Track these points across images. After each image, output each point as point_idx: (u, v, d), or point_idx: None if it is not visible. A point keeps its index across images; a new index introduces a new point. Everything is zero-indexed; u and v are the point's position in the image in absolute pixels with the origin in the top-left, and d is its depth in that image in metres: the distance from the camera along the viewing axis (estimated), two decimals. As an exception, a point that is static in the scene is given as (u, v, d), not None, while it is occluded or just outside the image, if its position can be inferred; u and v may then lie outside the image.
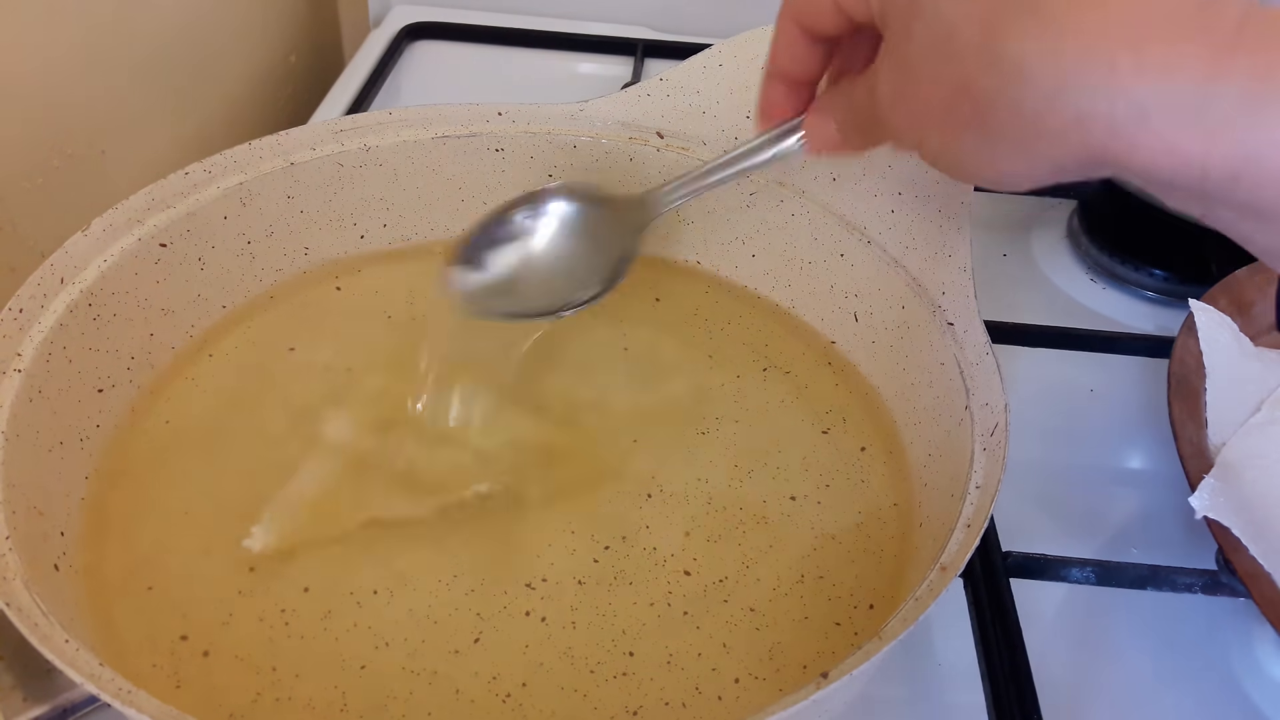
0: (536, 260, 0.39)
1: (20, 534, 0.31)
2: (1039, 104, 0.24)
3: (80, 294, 0.37)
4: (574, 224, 0.40)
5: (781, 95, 0.35)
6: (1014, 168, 0.26)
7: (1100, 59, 0.23)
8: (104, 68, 0.58)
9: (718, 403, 0.42)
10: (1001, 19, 0.24)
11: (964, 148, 0.27)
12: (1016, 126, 0.25)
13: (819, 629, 0.35)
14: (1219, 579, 0.40)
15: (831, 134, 0.33)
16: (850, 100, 0.32)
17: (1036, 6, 0.24)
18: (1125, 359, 0.52)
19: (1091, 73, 0.23)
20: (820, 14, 0.31)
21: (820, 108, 0.34)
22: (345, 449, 0.39)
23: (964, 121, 0.26)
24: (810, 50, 0.33)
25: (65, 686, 0.33)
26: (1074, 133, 0.24)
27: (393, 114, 0.46)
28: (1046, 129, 0.24)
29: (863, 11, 0.30)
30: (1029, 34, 0.24)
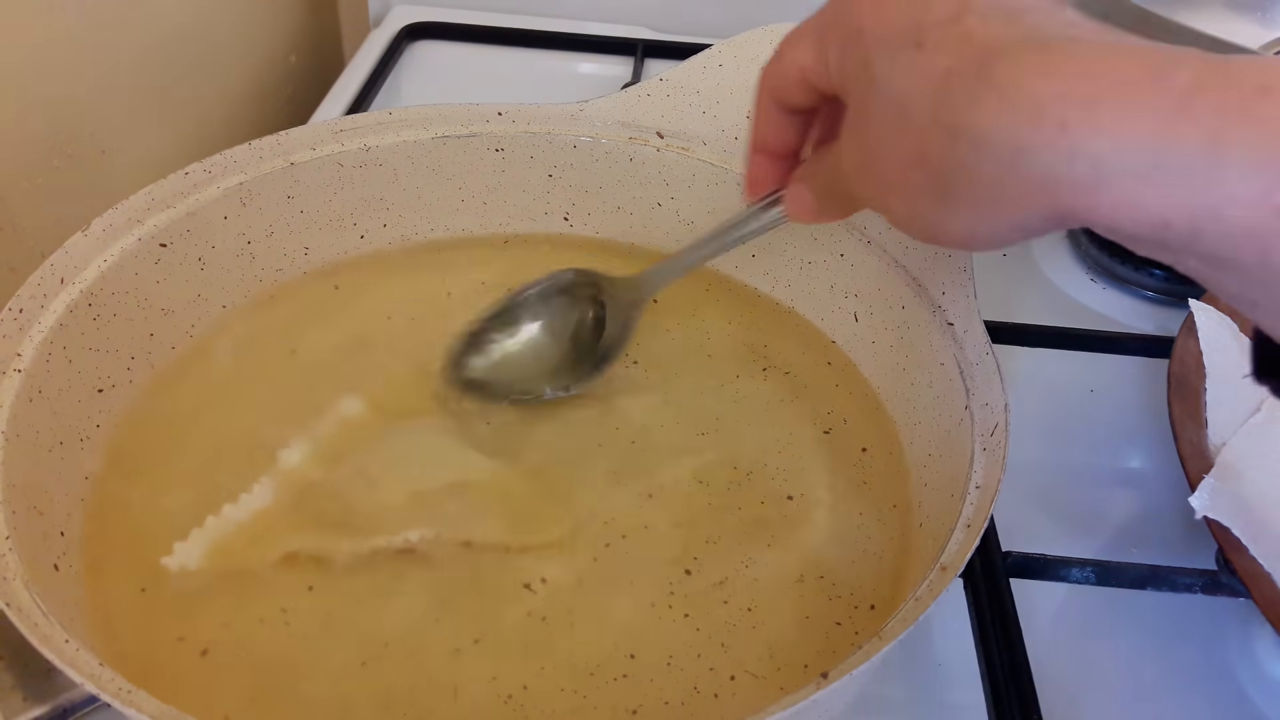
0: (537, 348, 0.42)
1: (20, 534, 0.31)
2: (997, 170, 0.24)
3: (80, 294, 0.37)
4: (573, 313, 0.42)
5: (765, 167, 0.36)
6: (978, 230, 0.26)
7: (1054, 121, 0.23)
8: (104, 68, 0.58)
9: (717, 403, 0.42)
10: (952, 90, 0.25)
11: (926, 214, 0.27)
12: (976, 193, 0.25)
13: (819, 629, 0.35)
14: (1219, 579, 0.40)
15: (809, 203, 0.34)
16: (822, 170, 0.33)
17: (988, 76, 0.24)
18: (1125, 359, 0.52)
19: (1047, 135, 0.23)
20: (790, 88, 0.32)
21: (798, 178, 0.35)
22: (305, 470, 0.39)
23: (924, 190, 0.26)
24: (787, 122, 0.34)
25: (65, 686, 0.33)
26: (1035, 195, 0.24)
27: (393, 114, 0.46)
28: (1007, 193, 0.24)
29: (826, 84, 0.31)
30: (982, 103, 0.24)
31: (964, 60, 0.25)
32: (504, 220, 0.49)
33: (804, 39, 0.31)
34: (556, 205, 0.49)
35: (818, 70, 0.31)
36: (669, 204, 0.48)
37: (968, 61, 0.24)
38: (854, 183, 0.29)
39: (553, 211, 0.49)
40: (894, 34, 0.27)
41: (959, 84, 0.24)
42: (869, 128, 0.28)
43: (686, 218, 0.48)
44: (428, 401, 0.41)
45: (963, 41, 0.25)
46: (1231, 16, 0.62)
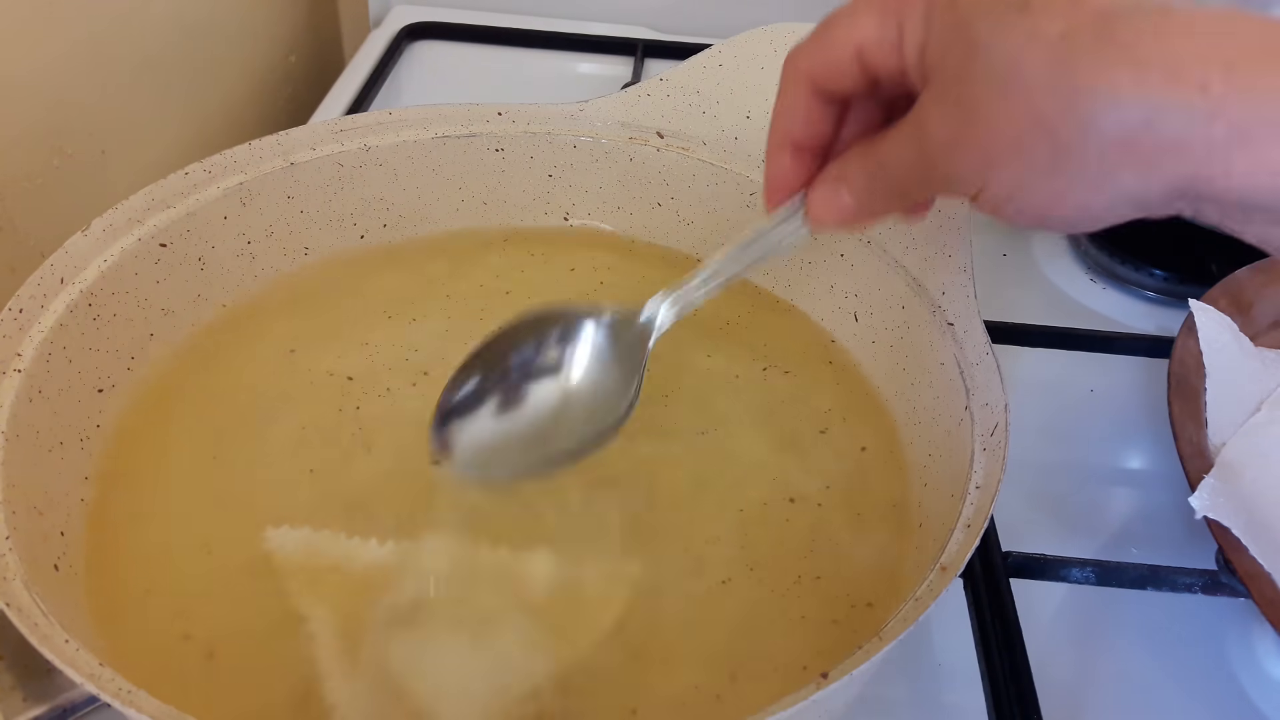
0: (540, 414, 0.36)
1: (20, 534, 0.31)
2: (1126, 134, 0.23)
3: (80, 294, 0.37)
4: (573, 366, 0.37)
5: (789, 166, 0.32)
6: (1092, 204, 0.25)
7: (1192, 83, 0.22)
8: (104, 67, 0.58)
9: (717, 403, 0.42)
10: (1073, 52, 0.24)
11: (1037, 187, 0.26)
12: (1099, 160, 0.24)
13: (818, 628, 0.35)
14: (1219, 579, 0.40)
15: (845, 203, 0.31)
16: (870, 161, 0.30)
17: (1111, 37, 0.23)
18: (1125, 359, 0.52)
19: (1184, 97, 0.22)
20: (838, 70, 0.30)
21: (829, 177, 0.31)
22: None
23: (1040, 160, 0.25)
24: (823, 112, 0.31)
25: (65, 686, 0.33)
26: (1165, 162, 0.23)
27: (393, 114, 0.46)
28: (1133, 161, 0.24)
29: (892, 65, 0.28)
30: (1108, 64, 0.23)
31: (1079, 22, 0.24)
32: (504, 220, 0.49)
33: (861, 14, 0.29)
34: (556, 205, 0.49)
35: (884, 45, 0.28)
36: (669, 204, 0.48)
37: (1084, 23, 0.24)
38: (946, 158, 0.27)
39: (553, 211, 0.49)
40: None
41: (1080, 45, 0.24)
42: (969, 98, 0.26)
43: (686, 218, 0.48)
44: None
45: (1075, 3, 0.24)
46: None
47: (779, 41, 0.45)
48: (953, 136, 0.27)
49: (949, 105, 0.27)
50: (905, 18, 0.28)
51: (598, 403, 0.37)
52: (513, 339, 0.37)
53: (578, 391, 0.37)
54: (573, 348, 0.37)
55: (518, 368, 0.37)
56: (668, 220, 0.49)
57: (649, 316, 0.36)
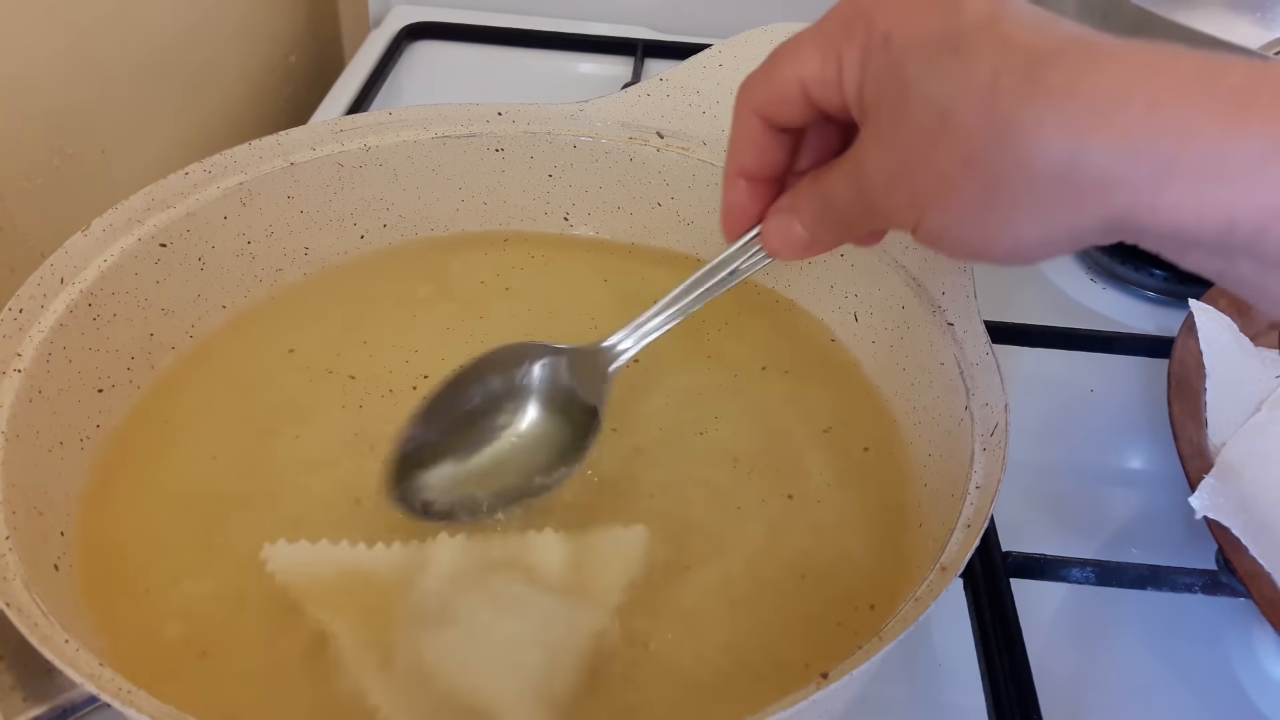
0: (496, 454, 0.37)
1: (20, 534, 0.31)
2: (1054, 173, 0.24)
3: (80, 294, 0.37)
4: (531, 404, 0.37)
5: (745, 196, 0.33)
6: (1025, 239, 0.26)
7: (1116, 121, 0.23)
8: (104, 68, 0.58)
9: (717, 402, 0.42)
10: (1002, 94, 0.24)
11: (971, 224, 0.26)
12: (1030, 198, 0.24)
13: (819, 629, 0.35)
14: (1219, 579, 0.40)
15: (799, 235, 0.32)
16: (818, 194, 0.31)
17: (1038, 78, 0.23)
18: (1125, 359, 0.52)
19: (1109, 135, 0.23)
20: (785, 105, 0.30)
21: (781, 209, 0.32)
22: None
23: (972, 198, 0.25)
24: (775, 142, 0.32)
25: (65, 686, 0.33)
26: (1094, 199, 0.24)
27: (393, 114, 0.46)
28: (1062, 198, 0.24)
29: (834, 101, 0.29)
30: (1035, 105, 0.23)
31: (1009, 63, 0.24)
32: (504, 220, 0.49)
33: (805, 49, 0.29)
34: (556, 205, 0.49)
35: (824, 82, 0.29)
36: (669, 204, 0.48)
37: (1014, 64, 0.24)
38: (883, 196, 0.28)
39: (553, 211, 0.49)
40: (926, 40, 0.26)
41: (1007, 86, 0.24)
42: (903, 137, 0.27)
43: (686, 218, 0.48)
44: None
45: (1004, 45, 0.24)
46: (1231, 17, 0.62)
47: (779, 41, 0.45)
48: (888, 176, 0.27)
49: (883, 144, 0.27)
50: (844, 55, 0.28)
51: (558, 439, 0.37)
52: (466, 383, 0.37)
53: (536, 432, 0.37)
54: (531, 389, 0.38)
55: (472, 413, 0.37)
56: (668, 220, 0.49)
57: (608, 347, 0.37)
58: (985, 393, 0.36)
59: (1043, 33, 0.24)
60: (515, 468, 0.37)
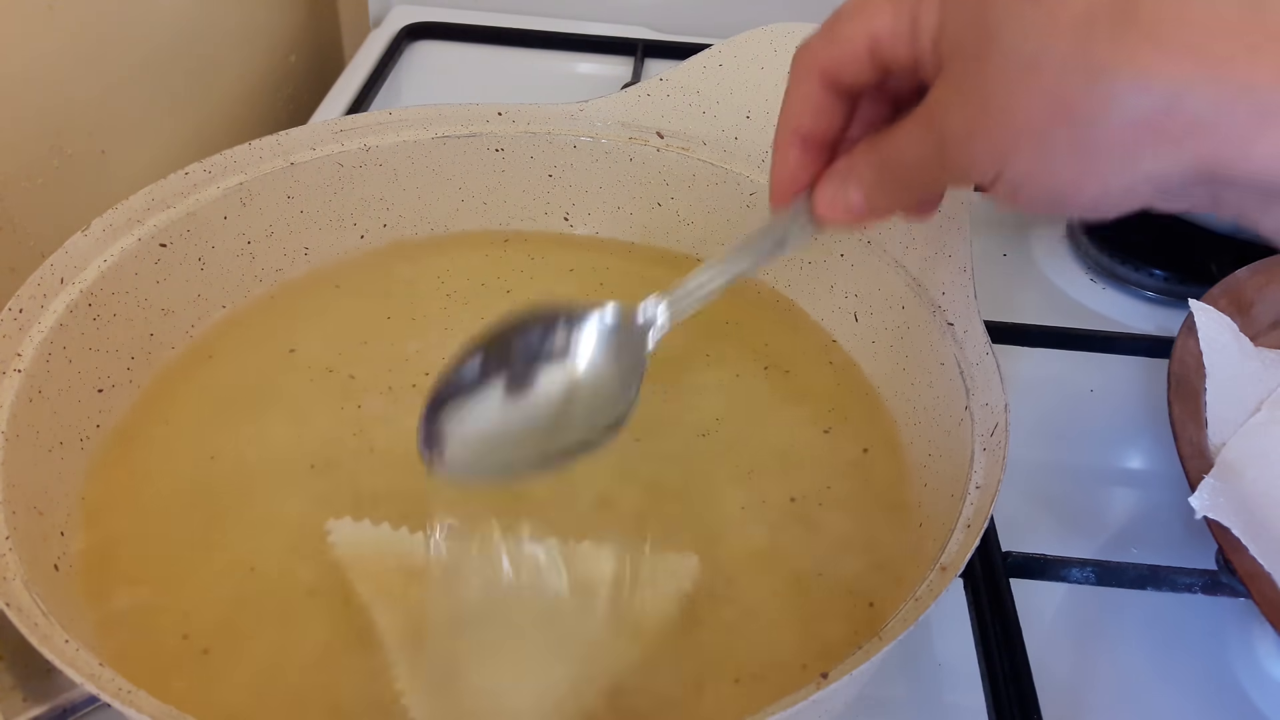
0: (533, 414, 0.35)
1: (20, 534, 0.31)
2: (1148, 115, 0.23)
3: (80, 294, 0.37)
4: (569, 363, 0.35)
5: (798, 161, 0.32)
6: (1111, 187, 0.25)
7: (1216, 62, 0.22)
8: (104, 68, 0.58)
9: (717, 403, 0.42)
10: (1094, 33, 0.23)
11: (1056, 172, 0.25)
12: (1120, 142, 0.24)
13: (819, 628, 0.35)
14: (1219, 579, 0.40)
15: (853, 200, 0.30)
16: (879, 154, 0.30)
17: (1133, 16, 0.23)
18: (1125, 359, 0.52)
19: (1206, 78, 0.22)
20: (850, 62, 0.29)
21: (835, 173, 0.31)
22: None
23: (1059, 144, 0.25)
24: (833, 106, 0.31)
25: (65, 686, 0.33)
26: (1186, 143, 0.23)
27: (393, 114, 0.46)
28: (1154, 142, 0.23)
29: (905, 56, 0.28)
30: (1130, 44, 0.23)
31: (1099, 3, 0.23)
32: (504, 220, 0.49)
33: (876, 4, 0.28)
34: (556, 205, 0.49)
35: (898, 36, 0.28)
36: (669, 204, 0.48)
37: (1105, 4, 0.23)
38: (961, 147, 0.27)
39: (553, 211, 0.49)
40: None
41: (1101, 25, 0.23)
42: (985, 84, 0.25)
43: (686, 218, 0.48)
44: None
45: None
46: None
47: (779, 41, 0.45)
48: (969, 125, 0.26)
49: (964, 93, 0.26)
50: (919, 7, 0.27)
51: (596, 403, 0.35)
52: (507, 337, 0.35)
53: (575, 391, 0.35)
54: (571, 347, 0.35)
55: (512, 366, 0.35)
56: (668, 220, 0.49)
57: (648, 317, 0.35)
58: (985, 393, 0.36)
59: None
60: (552, 428, 0.35)
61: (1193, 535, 0.43)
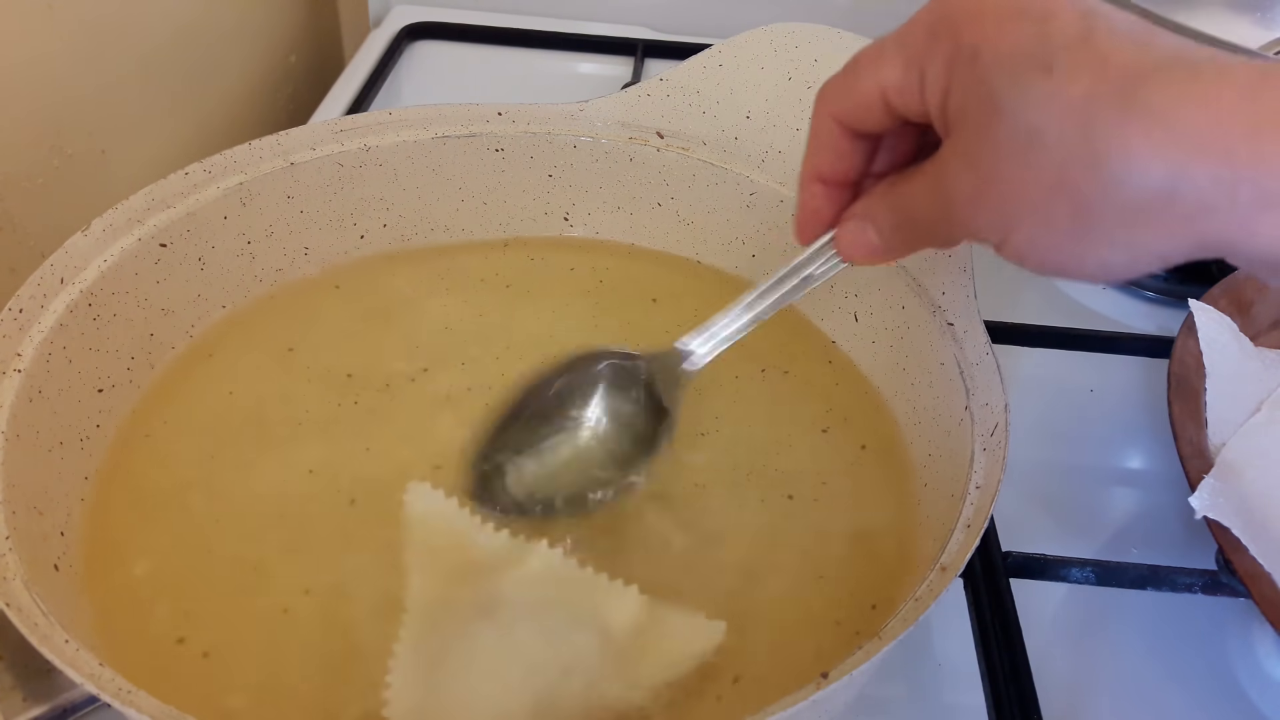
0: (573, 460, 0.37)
1: (20, 534, 0.31)
2: (1149, 199, 0.23)
3: (80, 294, 0.37)
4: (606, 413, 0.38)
5: (821, 200, 0.32)
6: (1114, 261, 0.25)
7: (1218, 150, 0.22)
8: (104, 67, 0.58)
9: (717, 403, 0.42)
10: (1098, 114, 0.23)
11: (1058, 246, 0.26)
12: (1120, 223, 0.24)
13: (818, 629, 0.35)
14: (1219, 579, 0.40)
15: (872, 242, 0.31)
16: (895, 202, 0.30)
17: (1136, 103, 0.23)
18: (1125, 359, 0.52)
19: (1208, 163, 0.22)
20: (865, 110, 0.29)
21: (856, 214, 0.32)
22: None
23: (1060, 221, 0.25)
24: (853, 147, 0.31)
25: (65, 686, 0.33)
26: (1188, 225, 0.23)
27: (393, 114, 0.46)
28: (1155, 224, 0.24)
29: (916, 111, 0.28)
30: (1133, 128, 0.23)
31: (1105, 85, 0.24)
32: (504, 220, 0.49)
33: (888, 56, 0.28)
34: (556, 205, 0.49)
35: (906, 92, 0.28)
36: (669, 204, 0.48)
37: (1110, 86, 0.23)
38: (966, 212, 0.27)
39: (553, 211, 0.49)
40: (1017, 56, 0.25)
41: (1104, 110, 0.23)
42: (990, 156, 0.26)
43: (686, 218, 0.48)
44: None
45: (1100, 63, 0.24)
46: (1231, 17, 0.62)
47: (779, 41, 0.45)
48: (972, 193, 0.27)
49: (969, 161, 0.27)
50: (927, 65, 0.27)
51: (632, 444, 0.37)
52: (549, 386, 0.38)
53: (612, 436, 0.38)
54: (609, 397, 0.38)
55: (554, 416, 0.37)
56: (668, 220, 0.49)
57: (684, 355, 0.37)
58: (985, 393, 0.36)
59: (1140, 48, 0.24)
60: (585, 469, 0.37)
61: (1193, 535, 0.43)
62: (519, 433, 0.37)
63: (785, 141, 0.46)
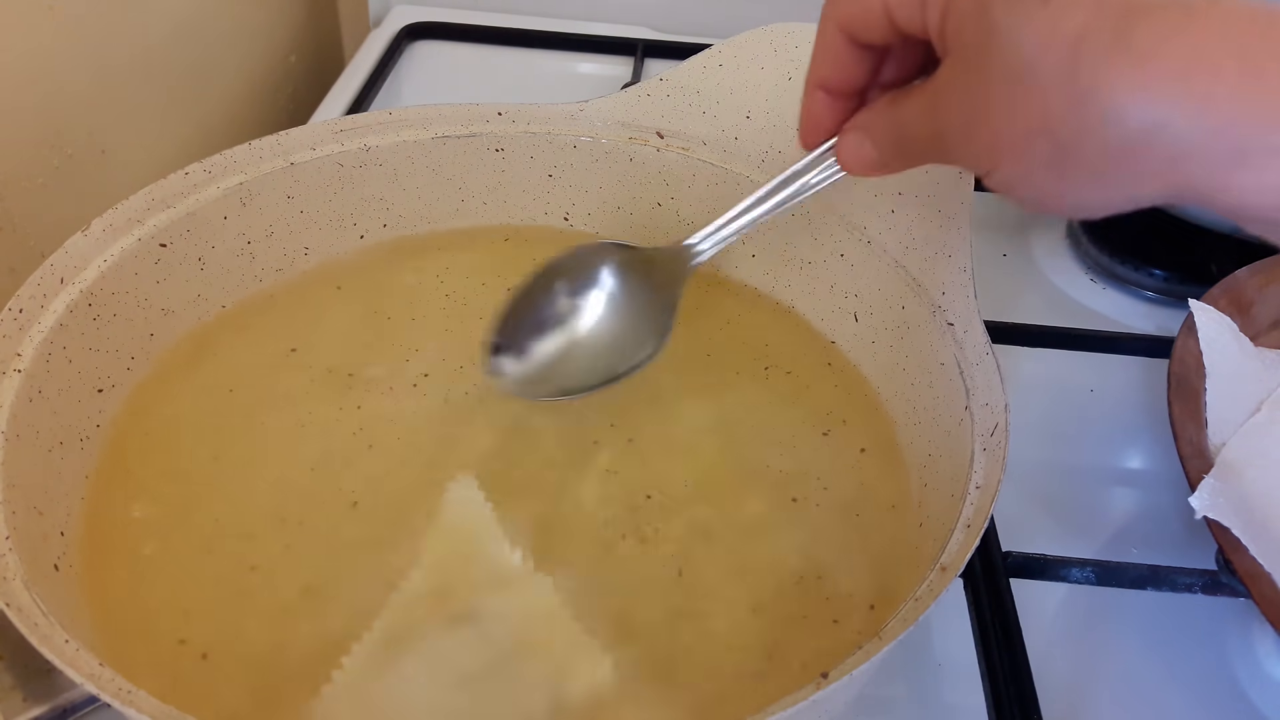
0: (583, 337, 0.39)
1: (20, 534, 0.31)
2: (1130, 141, 0.23)
3: (80, 294, 0.37)
4: (614, 293, 0.39)
5: (824, 107, 0.32)
6: (1089, 200, 0.26)
7: (1198, 96, 0.22)
8: (104, 67, 0.58)
9: (717, 403, 0.42)
10: (1086, 52, 0.23)
11: (1039, 181, 0.26)
12: (1100, 163, 0.24)
13: (818, 628, 0.35)
14: (1219, 579, 0.40)
15: (869, 155, 0.31)
16: (893, 120, 0.30)
17: (1127, 39, 0.23)
18: (1125, 359, 0.52)
19: (1190, 108, 0.22)
20: (868, 22, 0.29)
21: (856, 126, 0.32)
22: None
23: (1043, 157, 0.25)
24: (856, 57, 0.31)
25: (65, 686, 0.33)
26: (1166, 168, 0.23)
27: (393, 114, 0.46)
28: (1135, 165, 0.24)
29: (917, 26, 0.28)
30: (1119, 68, 0.23)
31: (1100, 18, 0.23)
32: (504, 220, 0.49)
33: None
34: (556, 205, 0.49)
35: (908, 9, 0.28)
36: (669, 204, 0.48)
37: (1104, 20, 0.23)
38: (957, 141, 0.27)
39: (553, 211, 0.49)
40: None
41: (1094, 45, 0.23)
42: (981, 85, 0.26)
43: (686, 218, 0.48)
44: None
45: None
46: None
47: (779, 41, 0.45)
48: (965, 123, 0.27)
49: (962, 90, 0.27)
50: None
51: (639, 328, 0.39)
52: (560, 272, 0.39)
53: (620, 317, 0.39)
54: (617, 280, 0.39)
55: (567, 296, 0.39)
56: (668, 220, 0.49)
57: (688, 247, 0.38)
58: (985, 393, 0.36)
59: None
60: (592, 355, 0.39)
61: (1193, 535, 0.43)
62: (527, 313, 0.39)
63: (786, 141, 0.46)
